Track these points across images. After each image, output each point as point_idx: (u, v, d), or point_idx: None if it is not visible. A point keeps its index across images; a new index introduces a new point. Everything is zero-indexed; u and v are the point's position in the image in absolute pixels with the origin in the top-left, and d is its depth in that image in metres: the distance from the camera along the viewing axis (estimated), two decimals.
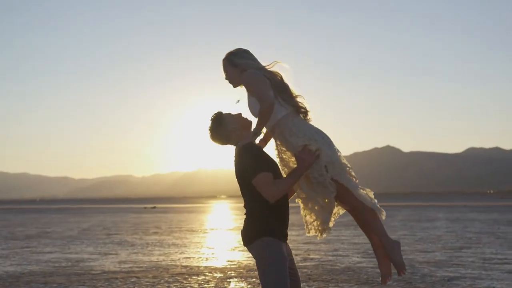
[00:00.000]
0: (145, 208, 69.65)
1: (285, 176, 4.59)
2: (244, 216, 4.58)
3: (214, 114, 4.55)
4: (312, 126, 4.63)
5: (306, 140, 4.49)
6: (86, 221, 34.83)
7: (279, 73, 4.68)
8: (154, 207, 71.19)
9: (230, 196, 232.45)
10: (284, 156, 4.72)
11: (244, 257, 13.55)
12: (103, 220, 35.14)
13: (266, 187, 4.27)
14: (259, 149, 4.50)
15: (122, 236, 20.77)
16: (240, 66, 4.64)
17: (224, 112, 4.58)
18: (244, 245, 4.49)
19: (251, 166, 4.32)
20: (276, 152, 4.75)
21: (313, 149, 4.44)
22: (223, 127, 4.51)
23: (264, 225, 4.33)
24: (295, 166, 4.53)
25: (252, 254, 4.43)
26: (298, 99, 4.69)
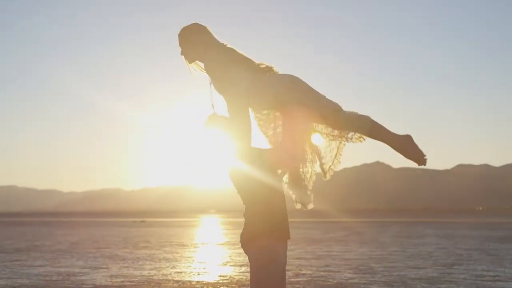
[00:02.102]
0: (134, 222, 69.43)
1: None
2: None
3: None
4: (275, 77, 4.63)
5: (275, 90, 4.49)
6: (75, 234, 34.67)
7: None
8: (143, 221, 70.96)
9: (220, 211, 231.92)
10: (262, 121, 4.73)
11: (236, 272, 13.52)
12: (92, 234, 34.98)
13: (280, 159, 4.35)
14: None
15: (112, 250, 20.68)
16: (198, 43, 4.64)
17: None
18: (242, 246, 4.45)
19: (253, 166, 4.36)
20: (257, 123, 4.75)
21: (281, 99, 4.46)
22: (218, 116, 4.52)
23: (263, 226, 4.30)
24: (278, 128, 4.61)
25: (248, 255, 4.39)
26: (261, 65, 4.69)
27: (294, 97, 4.42)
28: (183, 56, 4.71)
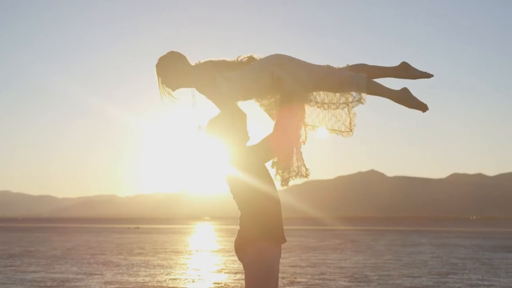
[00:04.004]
0: (128, 228, 69.32)
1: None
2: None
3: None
4: (263, 60, 4.68)
5: (270, 70, 4.56)
6: (70, 240, 34.58)
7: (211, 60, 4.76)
8: (138, 228, 70.84)
9: (214, 218, 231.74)
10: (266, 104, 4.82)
11: (231, 279, 13.50)
12: (87, 240, 34.90)
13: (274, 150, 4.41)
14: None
15: (107, 256, 20.63)
16: (179, 69, 4.67)
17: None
18: (236, 252, 4.44)
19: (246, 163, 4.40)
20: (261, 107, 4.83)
21: (276, 76, 4.53)
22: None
23: (258, 230, 4.30)
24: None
25: (243, 261, 4.39)
26: (240, 59, 4.76)
27: (288, 71, 4.51)
28: (162, 85, 4.75)
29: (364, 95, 4.68)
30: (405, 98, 4.63)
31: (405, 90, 4.65)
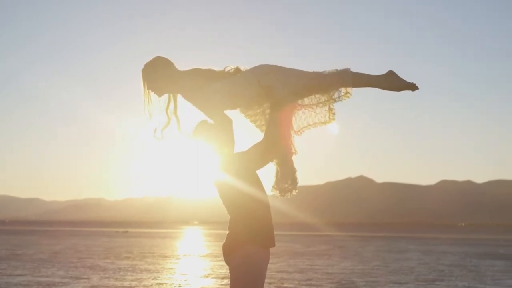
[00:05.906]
0: (117, 232, 69.16)
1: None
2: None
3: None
4: (250, 70, 4.70)
5: (257, 79, 4.58)
6: (57, 244, 34.45)
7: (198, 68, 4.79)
8: (126, 231, 70.69)
9: (203, 222, 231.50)
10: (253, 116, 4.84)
11: (218, 284, 13.49)
12: (74, 243, 34.78)
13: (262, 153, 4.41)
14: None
15: (94, 260, 20.56)
16: (166, 75, 4.66)
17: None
18: (224, 256, 4.43)
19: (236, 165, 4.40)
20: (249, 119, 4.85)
21: (264, 84, 4.55)
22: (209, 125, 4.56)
23: (248, 234, 4.29)
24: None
25: (230, 264, 4.36)
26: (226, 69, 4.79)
27: (275, 79, 4.54)
28: (147, 91, 4.74)
29: (350, 89, 4.67)
30: (392, 81, 4.59)
31: (390, 73, 4.62)
